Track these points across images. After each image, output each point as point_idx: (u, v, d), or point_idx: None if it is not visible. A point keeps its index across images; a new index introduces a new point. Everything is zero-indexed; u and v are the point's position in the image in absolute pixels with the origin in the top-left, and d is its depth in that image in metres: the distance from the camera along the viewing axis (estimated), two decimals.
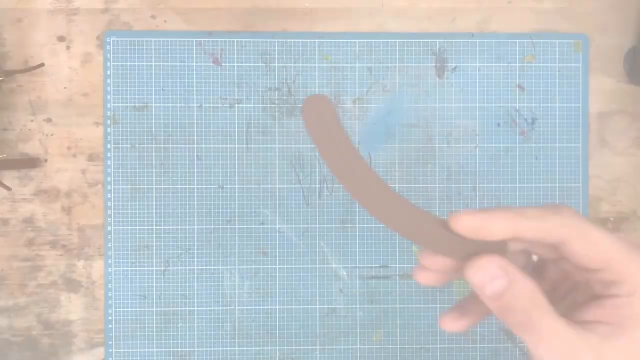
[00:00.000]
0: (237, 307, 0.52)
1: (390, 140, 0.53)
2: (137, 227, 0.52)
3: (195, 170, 0.52)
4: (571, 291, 0.24)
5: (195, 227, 0.52)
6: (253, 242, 0.53)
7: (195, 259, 0.52)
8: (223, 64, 0.52)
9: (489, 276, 0.21)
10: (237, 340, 0.52)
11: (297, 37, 0.52)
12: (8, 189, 0.50)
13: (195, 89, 0.52)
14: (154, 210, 0.52)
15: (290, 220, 0.53)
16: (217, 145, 0.52)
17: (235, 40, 0.52)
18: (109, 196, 0.52)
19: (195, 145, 0.52)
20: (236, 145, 0.52)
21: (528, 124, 0.53)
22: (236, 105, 0.52)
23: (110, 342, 0.52)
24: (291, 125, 0.53)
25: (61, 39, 0.52)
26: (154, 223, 0.52)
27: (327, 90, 0.53)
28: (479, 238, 0.22)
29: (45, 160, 0.52)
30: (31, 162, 0.51)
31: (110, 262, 0.52)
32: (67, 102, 0.52)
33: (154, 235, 0.52)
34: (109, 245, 0.52)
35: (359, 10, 0.53)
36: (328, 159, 0.24)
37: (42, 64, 0.51)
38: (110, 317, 0.52)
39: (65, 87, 0.52)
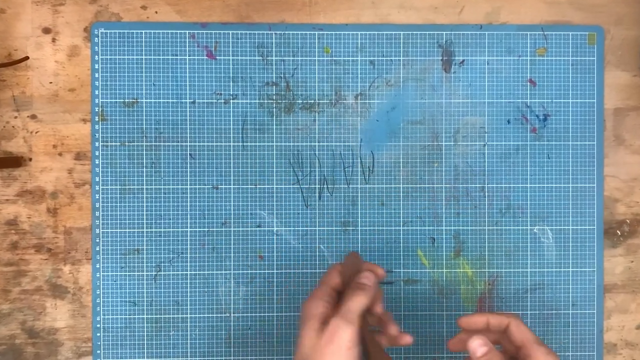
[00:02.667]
0: (232, 315, 0.50)
1: (394, 138, 0.50)
2: (127, 230, 0.49)
3: (188, 169, 0.50)
4: None
5: (188, 229, 0.50)
6: (249, 246, 0.50)
7: (189, 264, 0.50)
8: (217, 58, 0.50)
9: (479, 344, 0.38)
10: (232, 349, 0.50)
11: (296, 29, 0.50)
12: None
13: (188, 83, 0.50)
14: (144, 212, 0.49)
15: (289, 223, 0.50)
16: (211, 143, 0.50)
17: (231, 32, 0.50)
18: (97, 197, 0.49)
19: (188, 143, 0.50)
20: (231, 144, 0.50)
21: (540, 121, 0.51)
22: (231, 101, 0.50)
23: (98, 352, 0.49)
24: (289, 123, 0.50)
25: (47, 31, 0.50)
26: (144, 225, 0.49)
27: (327, 85, 0.50)
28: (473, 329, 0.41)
29: (30, 159, 0.49)
30: (15, 161, 0.49)
31: (98, 266, 0.49)
32: (53, 98, 0.49)
33: (145, 239, 0.49)
34: (97, 248, 0.49)
35: (361, 0, 0.50)
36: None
37: (27, 58, 0.49)
38: (98, 325, 0.49)
39: (50, 82, 0.50)
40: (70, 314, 0.50)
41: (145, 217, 0.49)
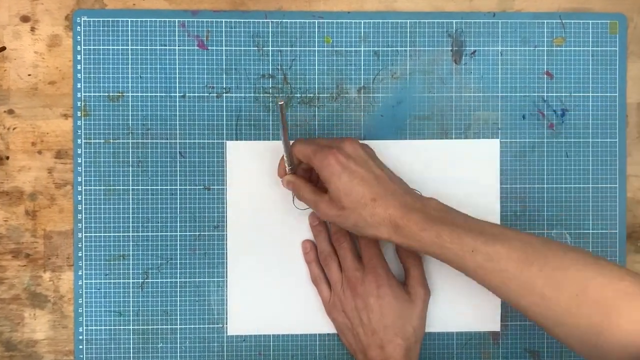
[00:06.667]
0: (226, 326, 0.47)
1: (401, 134, 0.48)
2: (112, 234, 0.47)
3: (178, 168, 0.48)
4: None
5: (178, 233, 0.47)
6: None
7: (178, 270, 0.48)
8: (209, 48, 0.48)
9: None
10: None
11: (294, 17, 0.48)
12: None
13: (177, 76, 0.48)
14: (130, 215, 0.47)
15: None
16: (203, 140, 0.48)
17: (224, 20, 0.48)
18: (80, 198, 0.47)
19: (178, 141, 0.48)
20: (224, 141, 0.47)
21: (557, 116, 0.48)
22: (224, 94, 0.48)
23: None
24: (287, 118, 0.48)
25: (25, 19, 0.47)
26: (130, 229, 0.47)
27: (328, 78, 0.47)
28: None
29: (7, 158, 0.47)
30: None
31: (80, 273, 0.47)
32: (32, 91, 0.47)
33: (131, 243, 0.47)
34: (80, 254, 0.47)
35: None
36: None
37: (3, 48, 0.47)
38: (81, 337, 0.47)
39: (29, 74, 0.47)
40: (51, 324, 0.47)
41: (131, 220, 0.47)
